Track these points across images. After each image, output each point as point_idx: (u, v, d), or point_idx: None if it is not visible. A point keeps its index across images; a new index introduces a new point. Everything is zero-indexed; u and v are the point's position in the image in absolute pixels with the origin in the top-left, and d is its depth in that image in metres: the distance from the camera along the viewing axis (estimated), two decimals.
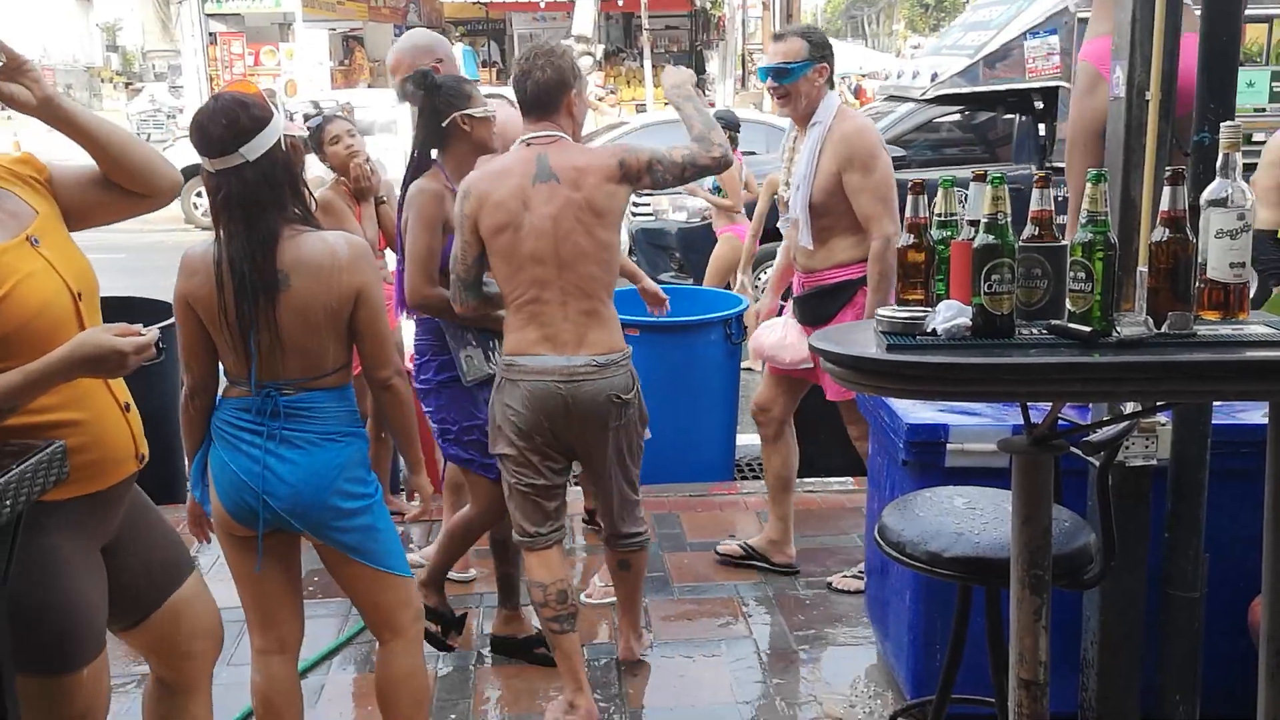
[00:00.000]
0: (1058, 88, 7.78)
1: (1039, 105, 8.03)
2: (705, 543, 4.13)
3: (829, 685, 3.20)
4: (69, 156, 2.19)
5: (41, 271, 1.96)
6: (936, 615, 2.77)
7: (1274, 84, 7.99)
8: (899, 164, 7.85)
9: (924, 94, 8.40)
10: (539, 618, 3.05)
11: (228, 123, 2.22)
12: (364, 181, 4.13)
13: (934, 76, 8.35)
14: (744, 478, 5.20)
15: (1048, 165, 7.84)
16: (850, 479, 4.66)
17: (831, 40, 3.71)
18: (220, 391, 2.42)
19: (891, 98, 9.01)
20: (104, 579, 2.09)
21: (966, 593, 2.34)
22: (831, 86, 3.59)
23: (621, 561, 3.21)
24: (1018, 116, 7.94)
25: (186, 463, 2.50)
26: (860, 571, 3.65)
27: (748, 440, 5.54)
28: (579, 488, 4.38)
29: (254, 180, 2.23)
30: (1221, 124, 1.97)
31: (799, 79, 3.49)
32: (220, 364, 2.39)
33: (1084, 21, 7.83)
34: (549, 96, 2.87)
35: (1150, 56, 2.33)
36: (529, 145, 2.89)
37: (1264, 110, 7.98)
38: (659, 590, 3.77)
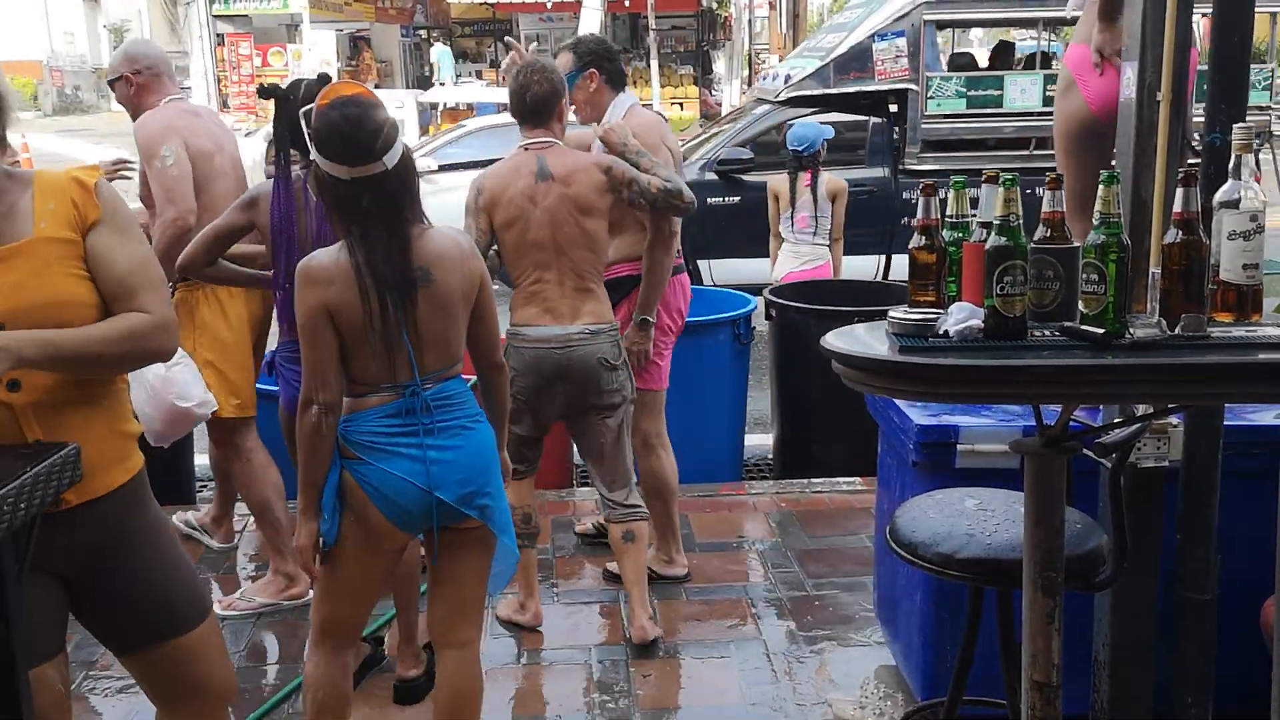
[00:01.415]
0: (907, 90, 7.74)
1: (894, 108, 7.97)
2: (714, 543, 4.13)
3: (839, 686, 3.20)
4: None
5: None
6: (947, 616, 2.76)
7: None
8: (743, 166, 7.77)
9: (777, 96, 8.40)
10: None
11: (374, 130, 2.24)
12: None
13: (787, 79, 8.37)
14: (752, 478, 5.20)
15: (901, 168, 7.79)
16: (859, 479, 4.65)
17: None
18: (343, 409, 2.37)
19: (759, 100, 9.01)
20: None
21: (978, 594, 2.33)
22: (619, 88, 3.70)
23: (625, 533, 3.42)
24: (871, 119, 7.90)
25: (305, 496, 2.34)
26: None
27: (756, 441, 5.54)
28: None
29: (395, 186, 2.29)
30: (1234, 125, 1.97)
31: (573, 89, 3.61)
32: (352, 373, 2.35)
33: (930, 24, 7.76)
34: (545, 107, 3.31)
35: (1161, 57, 2.32)
36: (528, 149, 3.31)
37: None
38: (668, 591, 3.77)
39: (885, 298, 4.73)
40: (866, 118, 7.95)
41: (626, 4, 25.01)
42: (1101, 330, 1.85)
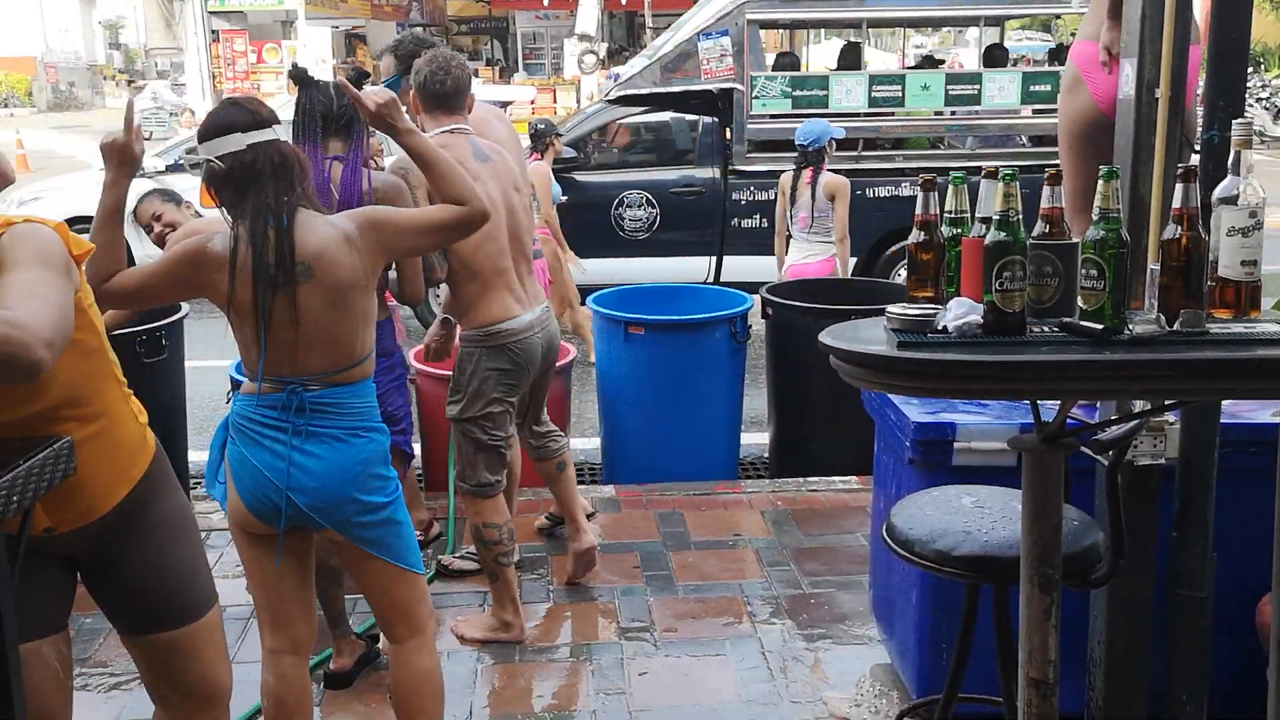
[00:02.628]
0: (732, 90, 7.67)
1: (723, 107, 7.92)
2: (710, 541, 4.12)
3: (834, 685, 3.20)
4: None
5: None
6: (943, 614, 2.76)
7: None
8: (571, 165, 7.77)
9: (606, 95, 8.39)
10: (487, 555, 3.39)
11: (258, 103, 2.34)
12: None
13: (617, 78, 8.36)
14: (748, 477, 5.20)
15: (731, 169, 7.71)
16: (855, 477, 4.65)
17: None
18: (240, 388, 2.41)
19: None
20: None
21: (974, 591, 2.33)
22: None
23: (560, 464, 3.74)
24: (701, 119, 7.85)
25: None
26: (469, 553, 3.84)
27: (753, 439, 5.54)
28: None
29: (282, 150, 2.33)
30: (1232, 121, 1.96)
31: (398, 93, 3.58)
32: (243, 358, 2.38)
33: (753, 24, 7.71)
34: (463, 92, 3.34)
35: (1160, 54, 2.32)
36: (455, 133, 3.29)
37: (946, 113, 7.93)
38: (663, 589, 3.76)
39: (883, 296, 4.72)
40: (697, 117, 7.89)
41: (623, 1, 24.99)
42: (1100, 326, 1.84)
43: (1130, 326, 1.86)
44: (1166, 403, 2.32)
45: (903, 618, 2.99)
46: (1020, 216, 1.88)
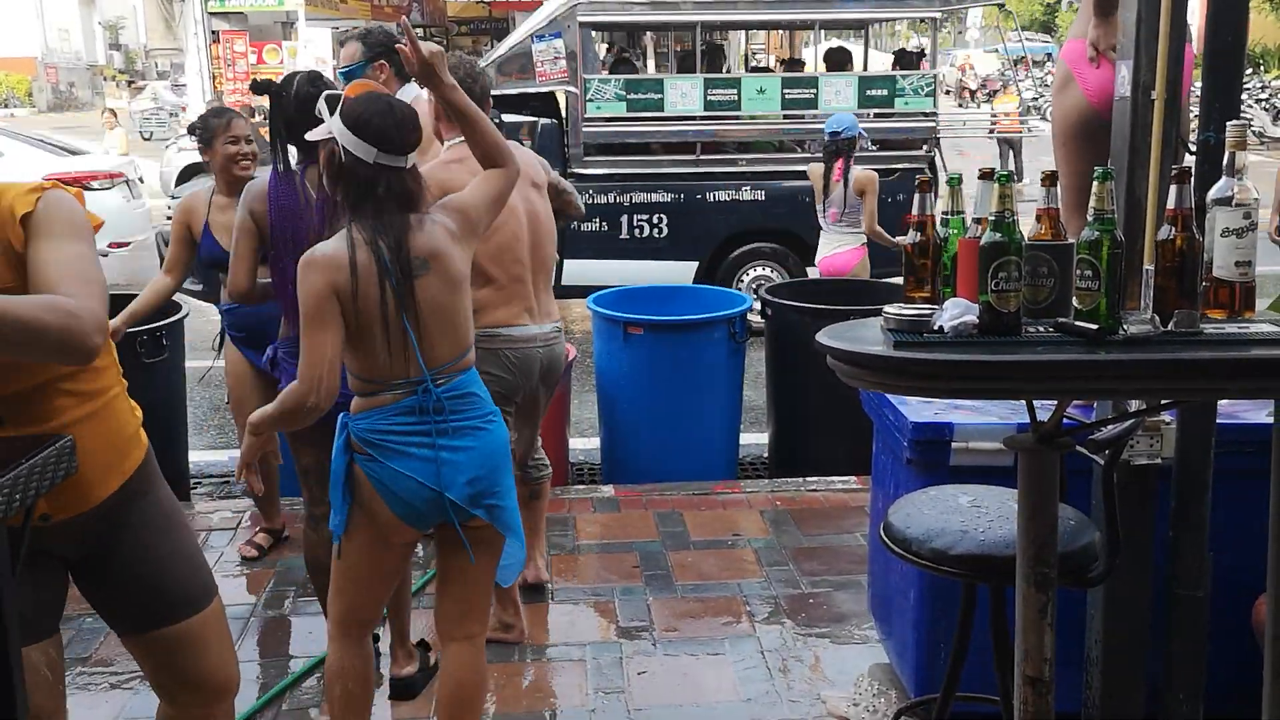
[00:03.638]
0: (568, 93, 7.65)
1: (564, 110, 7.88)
2: (709, 541, 4.13)
3: (833, 684, 3.21)
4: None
5: None
6: (940, 613, 2.77)
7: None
8: None
9: None
10: None
11: (413, 129, 2.37)
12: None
13: None
14: (747, 476, 5.21)
15: (570, 172, 7.55)
16: (853, 477, 4.66)
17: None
18: (352, 407, 2.38)
19: None
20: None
21: (971, 590, 2.34)
22: (407, 79, 3.72)
23: (533, 492, 3.66)
24: (540, 121, 7.77)
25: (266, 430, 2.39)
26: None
27: (751, 439, 5.55)
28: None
29: (411, 184, 2.37)
30: (1227, 123, 1.97)
31: (361, 79, 3.57)
32: (361, 370, 2.36)
33: (586, 26, 7.60)
34: (485, 99, 3.29)
35: (1155, 56, 2.33)
36: None
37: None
38: (662, 589, 3.78)
39: (880, 296, 4.73)
40: (536, 120, 7.81)
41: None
42: (1095, 326, 1.86)
43: (1125, 327, 1.87)
44: (1162, 403, 2.34)
45: (901, 617, 3.00)
46: (1016, 217, 1.89)
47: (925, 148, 7.69)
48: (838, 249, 5.98)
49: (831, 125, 5.92)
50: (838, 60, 8.59)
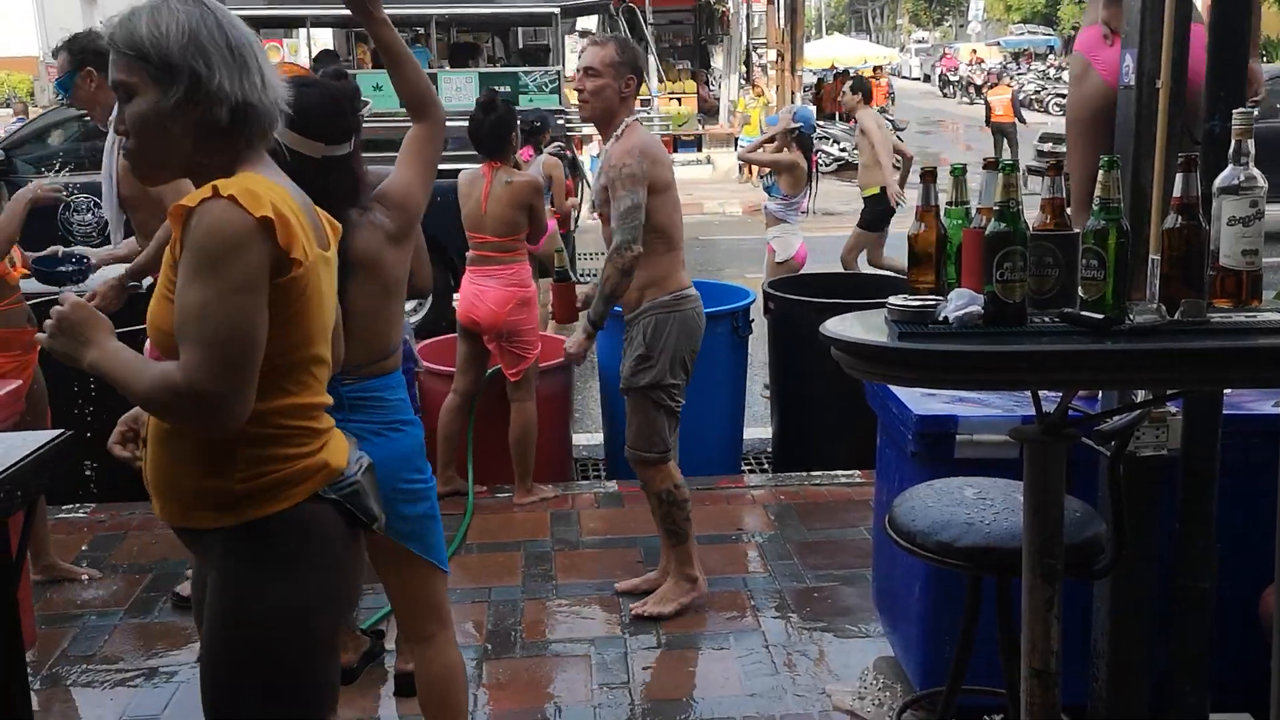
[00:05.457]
0: None
1: None
2: (713, 536, 4.12)
3: (838, 677, 3.20)
4: None
5: None
6: (945, 606, 2.76)
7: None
8: None
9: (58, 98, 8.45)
10: (679, 515, 3.51)
11: (354, 109, 2.29)
12: None
13: None
14: (751, 471, 5.20)
15: None
16: (857, 472, 4.65)
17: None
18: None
19: None
20: None
21: (977, 583, 2.33)
22: None
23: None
24: None
25: None
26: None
27: (755, 434, 5.54)
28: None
29: (356, 168, 2.29)
30: (1233, 111, 1.96)
31: (73, 89, 3.51)
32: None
33: None
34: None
35: (1160, 44, 2.32)
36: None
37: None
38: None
39: (884, 289, 4.72)
40: None
41: None
42: (1101, 316, 1.84)
43: (1131, 316, 1.86)
44: (1168, 393, 2.33)
45: (906, 610, 2.99)
46: (1021, 207, 1.88)
47: (555, 145, 7.32)
48: (801, 239, 6.20)
49: (810, 120, 6.02)
50: (461, 55, 8.55)
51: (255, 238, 1.58)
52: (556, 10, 7.72)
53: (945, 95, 36.94)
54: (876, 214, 7.28)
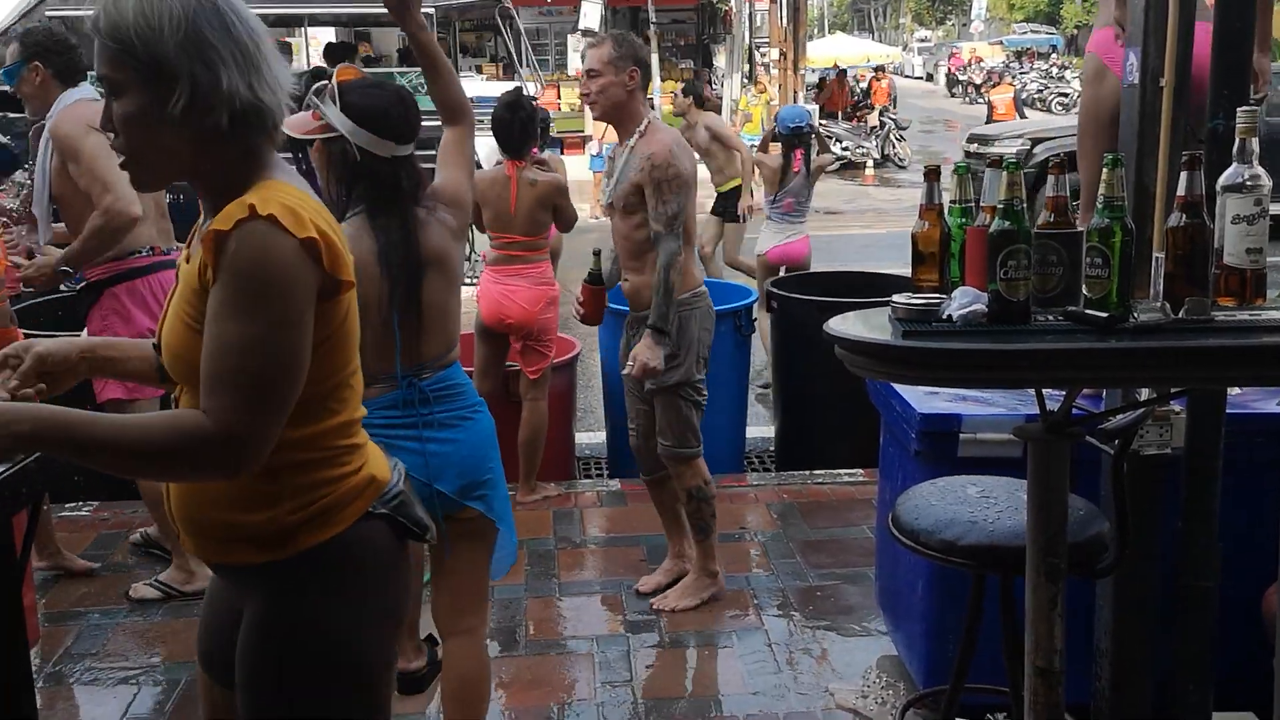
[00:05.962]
0: None
1: None
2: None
3: (841, 676, 3.20)
4: None
5: None
6: (949, 605, 2.76)
7: None
8: None
9: None
10: (706, 511, 3.53)
11: (417, 112, 2.35)
12: None
13: None
14: (754, 470, 5.20)
15: None
16: (860, 470, 4.65)
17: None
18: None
19: None
20: None
21: (980, 581, 2.33)
22: (69, 82, 3.49)
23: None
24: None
25: None
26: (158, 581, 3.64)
27: (757, 432, 5.54)
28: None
29: (418, 170, 2.36)
30: (1237, 109, 1.96)
31: (19, 82, 3.50)
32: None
33: (55, 20, 7.47)
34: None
35: (1164, 43, 2.31)
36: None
37: None
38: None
39: (888, 287, 4.72)
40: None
41: None
42: (1105, 314, 1.84)
43: (1135, 315, 1.86)
44: (1172, 391, 2.32)
45: (909, 609, 2.99)
46: (1025, 205, 1.88)
47: None
48: (790, 238, 6.15)
49: (792, 119, 6.05)
50: (337, 54, 8.54)
51: (303, 264, 1.42)
52: (432, 10, 7.75)
53: (952, 94, 36.53)
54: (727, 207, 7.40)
